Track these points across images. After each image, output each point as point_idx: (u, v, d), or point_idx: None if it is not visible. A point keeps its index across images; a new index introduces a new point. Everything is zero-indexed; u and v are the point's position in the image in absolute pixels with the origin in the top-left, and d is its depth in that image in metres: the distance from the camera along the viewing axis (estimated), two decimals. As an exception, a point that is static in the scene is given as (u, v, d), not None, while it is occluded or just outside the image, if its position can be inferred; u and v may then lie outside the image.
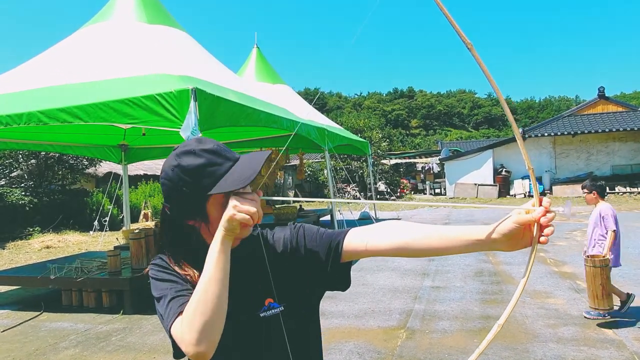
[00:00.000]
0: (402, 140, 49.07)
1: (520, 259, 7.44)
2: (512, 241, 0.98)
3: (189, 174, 1.03)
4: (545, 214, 0.91)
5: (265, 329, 1.10)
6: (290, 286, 1.14)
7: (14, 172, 14.90)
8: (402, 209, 17.41)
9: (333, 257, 1.13)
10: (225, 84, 5.89)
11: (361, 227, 1.16)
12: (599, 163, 20.89)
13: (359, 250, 1.11)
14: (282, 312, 1.11)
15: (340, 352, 4.02)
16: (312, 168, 25.48)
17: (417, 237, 1.04)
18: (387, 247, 1.07)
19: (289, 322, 1.11)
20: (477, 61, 0.81)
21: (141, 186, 17.98)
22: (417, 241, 1.04)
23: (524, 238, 0.97)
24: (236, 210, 0.97)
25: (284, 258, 1.16)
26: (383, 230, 1.10)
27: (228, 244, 1.00)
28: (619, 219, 4.87)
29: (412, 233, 1.06)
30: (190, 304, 0.98)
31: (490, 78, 0.82)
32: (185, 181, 1.04)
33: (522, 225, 0.94)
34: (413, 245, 1.04)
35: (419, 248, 1.04)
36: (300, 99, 11.98)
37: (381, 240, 1.08)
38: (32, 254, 10.39)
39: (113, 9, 6.24)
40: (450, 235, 1.01)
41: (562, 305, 5.04)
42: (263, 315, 1.10)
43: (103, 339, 4.68)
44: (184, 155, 1.06)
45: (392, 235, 1.07)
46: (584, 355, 3.72)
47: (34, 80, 5.45)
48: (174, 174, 1.05)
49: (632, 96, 62.36)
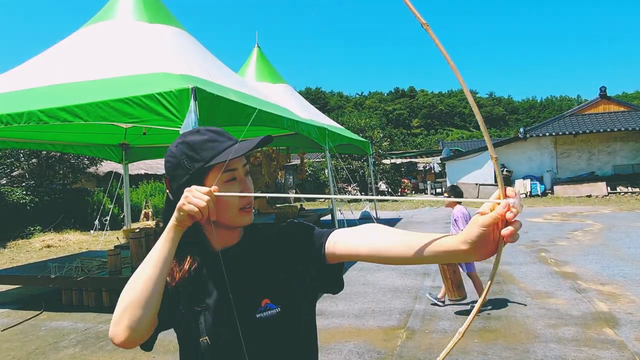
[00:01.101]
0: (404, 139, 49.05)
1: (522, 259, 7.43)
2: (484, 246, 0.84)
3: (191, 148, 1.08)
4: (509, 208, 0.79)
5: (261, 330, 1.08)
6: (287, 286, 1.13)
7: (15, 172, 14.93)
8: (403, 208, 17.40)
9: (319, 258, 1.12)
10: (225, 83, 5.88)
11: (343, 229, 1.14)
12: (601, 163, 20.85)
13: (339, 254, 1.09)
14: (279, 312, 1.09)
15: (340, 352, 4.02)
16: (313, 168, 25.47)
17: (391, 245, 1.00)
18: (363, 253, 1.04)
19: (285, 323, 1.10)
20: (435, 41, 0.80)
21: (142, 185, 17.99)
22: (390, 249, 1.00)
23: (494, 241, 0.84)
24: (186, 201, 1.00)
25: (281, 256, 1.16)
26: (362, 235, 1.07)
27: (176, 234, 1.03)
28: (619, 219, 4.85)
29: (388, 240, 1.01)
30: (126, 285, 1.01)
31: (447, 58, 0.79)
32: (187, 155, 1.08)
33: (488, 227, 0.81)
34: (386, 253, 1.00)
35: (392, 256, 1.00)
36: (301, 98, 11.98)
37: (358, 244, 1.05)
38: (32, 253, 10.41)
39: (114, 8, 6.24)
40: (421, 245, 0.94)
41: (563, 305, 5.02)
42: (259, 316, 1.08)
43: (103, 338, 4.68)
44: (189, 134, 1.12)
45: (369, 240, 1.04)
46: (585, 355, 3.71)
47: (34, 80, 5.45)
48: (178, 149, 1.10)
49: (634, 96, 62.25)
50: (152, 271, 1.00)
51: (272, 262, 1.15)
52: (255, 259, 1.14)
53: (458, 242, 0.87)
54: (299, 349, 1.16)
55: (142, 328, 0.99)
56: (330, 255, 1.10)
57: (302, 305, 1.16)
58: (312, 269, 1.13)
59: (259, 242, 1.18)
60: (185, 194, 1.02)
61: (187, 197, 1.01)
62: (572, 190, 19.43)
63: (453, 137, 56.20)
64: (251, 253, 1.16)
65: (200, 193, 1.01)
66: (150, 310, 0.99)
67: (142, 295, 0.98)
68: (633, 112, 21.22)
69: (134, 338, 0.99)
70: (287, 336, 1.12)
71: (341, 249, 1.08)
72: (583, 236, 9.40)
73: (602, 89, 22.25)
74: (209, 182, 1.07)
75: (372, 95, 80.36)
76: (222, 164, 1.05)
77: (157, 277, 1.00)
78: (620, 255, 7.45)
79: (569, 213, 13.49)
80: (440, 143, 37.95)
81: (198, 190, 1.01)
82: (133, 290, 0.99)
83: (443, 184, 23.70)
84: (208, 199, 1.00)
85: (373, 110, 57.27)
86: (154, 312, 1.00)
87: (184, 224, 1.02)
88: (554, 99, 79.38)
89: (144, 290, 0.99)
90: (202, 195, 1.00)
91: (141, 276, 1.00)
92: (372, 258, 1.03)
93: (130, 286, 1.00)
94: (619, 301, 5.06)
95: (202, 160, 1.06)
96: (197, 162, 1.07)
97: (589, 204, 16.18)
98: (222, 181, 1.07)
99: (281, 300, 1.11)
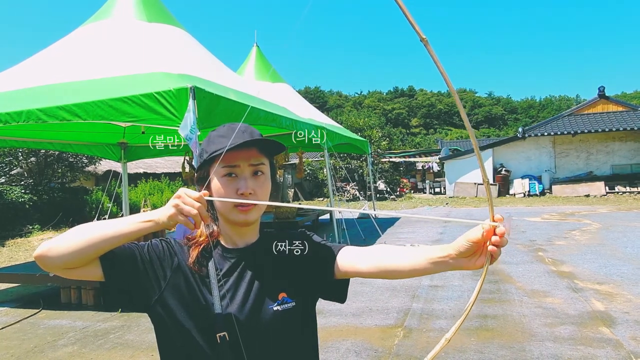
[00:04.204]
0: (402, 139, 49.05)
1: (519, 259, 7.45)
2: (470, 258, 0.95)
3: (207, 141, 1.17)
4: (494, 232, 0.90)
5: (276, 322, 1.13)
6: (301, 284, 1.19)
7: (13, 170, 14.92)
8: (402, 208, 17.41)
9: (329, 272, 1.19)
10: (224, 83, 5.89)
11: (352, 247, 1.21)
12: (599, 163, 20.89)
13: (346, 271, 1.18)
14: (294, 307, 1.15)
15: (338, 351, 4.03)
16: (312, 167, 25.47)
17: (395, 261, 1.10)
18: (371, 271, 1.14)
19: (298, 317, 1.17)
20: (432, 57, 0.82)
21: (141, 184, 17.99)
22: (396, 267, 1.09)
23: (482, 255, 0.95)
24: (176, 210, 0.98)
25: (297, 258, 1.20)
26: (369, 256, 1.16)
27: (150, 229, 1.02)
28: (617, 219, 4.88)
29: (392, 257, 1.11)
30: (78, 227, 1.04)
31: (444, 74, 0.81)
32: (204, 147, 1.17)
33: (474, 243, 0.93)
34: (391, 268, 1.10)
35: (396, 270, 1.10)
36: (300, 97, 11.98)
37: (366, 265, 1.14)
38: (31, 252, 10.41)
39: (113, 7, 6.23)
40: (420, 258, 1.05)
41: (559, 304, 5.05)
42: (276, 309, 1.13)
43: (101, 336, 4.69)
44: (215, 130, 1.19)
45: (375, 259, 1.14)
46: (581, 354, 3.73)
47: (33, 78, 5.45)
48: (204, 141, 1.19)
49: (632, 96, 62.28)
50: (110, 231, 1.01)
51: (287, 261, 1.20)
52: (271, 257, 1.19)
53: (448, 252, 0.98)
54: (308, 343, 1.23)
55: (60, 256, 1.00)
56: (338, 271, 1.18)
57: (311, 303, 1.24)
58: (322, 278, 1.20)
59: (272, 242, 1.22)
60: (174, 201, 0.99)
61: (176, 205, 0.98)
62: (570, 189, 19.47)
63: (452, 137, 56.21)
64: (267, 252, 1.20)
65: (191, 199, 0.98)
66: (80, 253, 1.00)
67: (85, 238, 1.00)
68: (632, 112, 21.24)
69: (48, 258, 1.00)
70: (298, 330, 1.18)
71: (348, 265, 1.17)
72: (581, 236, 9.43)
73: (600, 89, 22.28)
74: (212, 174, 1.13)
75: (371, 95, 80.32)
76: (225, 159, 1.10)
77: (107, 239, 1.01)
78: (617, 254, 7.48)
79: (567, 212, 13.51)
80: (439, 142, 37.93)
81: (189, 195, 0.99)
82: (83, 232, 1.02)
83: (442, 184, 23.73)
84: (199, 205, 0.98)
85: (372, 109, 57.29)
86: (80, 257, 1.01)
87: (168, 226, 1.02)
88: (552, 99, 79.42)
89: (89, 237, 1.00)
90: (194, 202, 0.98)
91: (97, 228, 1.02)
92: (377, 274, 1.13)
93: (83, 230, 1.02)
94: (616, 300, 5.08)
95: (208, 152, 1.13)
96: (205, 154, 1.15)
97: (587, 204, 16.21)
98: (219, 174, 1.12)
99: (296, 295, 1.17)
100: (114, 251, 1.06)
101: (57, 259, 1.00)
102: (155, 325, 1.16)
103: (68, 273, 1.04)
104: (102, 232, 1.01)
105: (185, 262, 1.14)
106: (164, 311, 1.11)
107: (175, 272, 1.13)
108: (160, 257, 1.13)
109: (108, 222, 1.03)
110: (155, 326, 1.17)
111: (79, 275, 1.05)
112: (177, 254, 1.15)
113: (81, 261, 1.02)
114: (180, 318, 1.10)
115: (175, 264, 1.14)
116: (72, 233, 1.02)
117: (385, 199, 21.59)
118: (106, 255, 1.06)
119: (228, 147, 1.07)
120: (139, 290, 1.11)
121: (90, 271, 1.06)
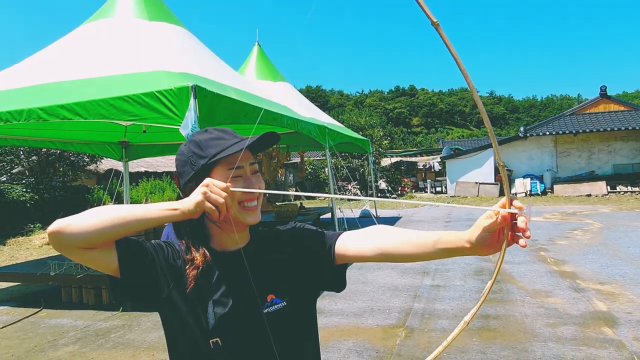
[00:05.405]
0: (404, 138, 49.03)
1: (521, 259, 7.43)
2: (487, 247, 0.95)
3: (198, 146, 1.10)
4: (514, 217, 0.89)
5: (268, 324, 1.11)
6: (291, 282, 1.16)
7: (15, 169, 14.93)
8: (403, 206, 17.40)
9: (328, 259, 1.16)
10: (225, 82, 5.87)
11: (351, 231, 1.19)
12: (601, 162, 20.85)
13: (348, 255, 1.15)
14: (286, 306, 1.13)
15: (339, 351, 4.02)
16: (313, 166, 25.47)
17: (398, 244, 1.07)
18: (370, 254, 1.10)
19: (292, 316, 1.14)
20: (444, 41, 0.79)
21: (142, 183, 17.99)
22: (397, 248, 1.06)
23: (499, 242, 0.94)
24: (204, 197, 0.99)
25: (285, 254, 1.18)
26: (368, 236, 1.13)
27: (176, 218, 1.01)
28: (619, 218, 4.87)
29: (394, 239, 1.08)
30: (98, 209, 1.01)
31: (457, 58, 0.79)
32: (194, 152, 1.10)
33: (491, 232, 0.92)
34: (393, 251, 1.07)
35: (399, 254, 1.07)
36: (301, 96, 11.96)
37: (365, 246, 1.12)
38: (32, 251, 10.42)
39: (114, 6, 6.22)
40: (428, 242, 1.02)
41: (561, 304, 5.03)
42: (266, 311, 1.11)
43: (102, 336, 4.68)
44: (197, 134, 1.15)
45: (376, 241, 1.10)
46: (583, 354, 3.71)
47: (34, 77, 5.44)
48: (186, 148, 1.13)
49: (634, 95, 62.20)
50: (137, 213, 0.99)
51: (276, 260, 1.17)
52: (258, 258, 1.16)
53: (462, 241, 0.96)
54: (307, 342, 1.20)
55: (79, 233, 0.96)
56: (339, 257, 1.15)
57: (307, 300, 1.20)
58: (319, 269, 1.17)
59: (260, 243, 1.20)
60: (202, 189, 1.00)
61: (205, 192, 1.00)
62: (571, 189, 19.44)
63: (453, 136, 56.19)
64: (254, 253, 1.17)
65: (219, 189, 1.00)
66: (100, 232, 0.97)
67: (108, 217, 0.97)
68: (633, 112, 21.20)
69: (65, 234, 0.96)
70: (295, 329, 1.15)
71: (350, 250, 1.14)
72: (582, 235, 9.41)
73: (602, 88, 22.23)
74: (214, 176, 1.09)
75: (372, 94, 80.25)
76: (228, 161, 1.07)
77: (131, 220, 0.98)
78: (619, 254, 7.46)
79: (568, 212, 13.50)
80: (440, 142, 37.92)
81: (215, 185, 1.00)
82: (104, 211, 0.99)
83: (443, 183, 23.70)
84: (226, 195, 1.00)
85: (373, 108, 57.20)
86: (99, 236, 0.97)
87: (193, 215, 1.02)
88: (554, 98, 79.31)
89: (112, 216, 0.98)
90: (220, 192, 1.00)
91: (122, 209, 0.99)
92: (380, 257, 1.09)
93: (105, 209, 1.00)
94: (618, 300, 5.07)
95: (207, 157, 1.08)
96: (202, 159, 1.09)
97: (588, 203, 16.18)
98: (224, 177, 1.07)
99: (286, 294, 1.14)
100: (129, 241, 1.05)
101: (75, 235, 0.96)
102: (162, 322, 1.16)
103: (80, 255, 0.99)
104: (127, 212, 0.99)
105: (184, 268, 1.13)
106: (171, 309, 1.11)
107: (178, 275, 1.12)
108: (166, 257, 1.12)
109: (134, 205, 1.01)
110: (162, 323, 1.17)
111: (91, 258, 1.00)
112: (180, 257, 1.14)
113: (99, 240, 0.98)
114: (181, 319, 1.11)
115: (179, 266, 1.13)
116: (94, 212, 0.99)
117: (387, 197, 21.58)
118: (121, 244, 1.03)
119: (246, 144, 1.05)
120: (153, 282, 1.08)
121: (105, 255, 1.01)
